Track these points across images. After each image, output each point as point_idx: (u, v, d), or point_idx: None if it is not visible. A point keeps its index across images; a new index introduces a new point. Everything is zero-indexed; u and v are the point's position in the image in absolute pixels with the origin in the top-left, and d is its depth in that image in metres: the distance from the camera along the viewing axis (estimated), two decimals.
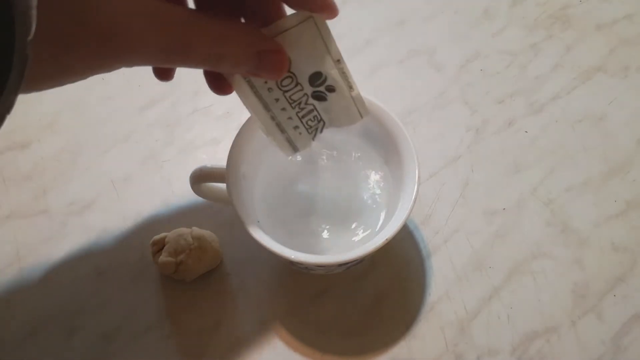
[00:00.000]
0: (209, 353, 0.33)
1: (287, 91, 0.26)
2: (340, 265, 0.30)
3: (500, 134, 0.41)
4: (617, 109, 0.42)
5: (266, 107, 0.26)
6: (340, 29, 0.39)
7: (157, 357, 0.33)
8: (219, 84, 0.27)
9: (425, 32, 0.46)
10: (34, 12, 0.15)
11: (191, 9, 0.21)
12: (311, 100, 0.27)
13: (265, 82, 0.25)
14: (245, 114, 0.28)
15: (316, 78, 0.26)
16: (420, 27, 0.46)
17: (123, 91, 0.42)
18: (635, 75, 0.43)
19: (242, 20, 0.26)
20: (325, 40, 0.25)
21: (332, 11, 0.23)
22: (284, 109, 0.27)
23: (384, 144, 0.33)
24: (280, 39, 0.24)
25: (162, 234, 0.35)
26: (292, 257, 0.29)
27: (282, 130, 0.28)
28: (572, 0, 0.47)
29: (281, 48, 0.24)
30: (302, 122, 0.28)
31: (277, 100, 0.26)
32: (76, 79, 0.20)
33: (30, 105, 0.42)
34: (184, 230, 0.35)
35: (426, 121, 0.41)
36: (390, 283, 0.35)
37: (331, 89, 0.27)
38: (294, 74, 0.26)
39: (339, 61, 0.26)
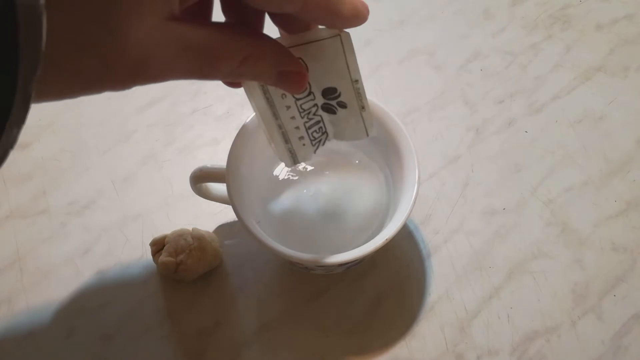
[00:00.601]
0: (209, 353, 0.33)
1: (299, 99, 0.26)
2: (340, 265, 0.30)
3: (500, 134, 0.41)
4: (617, 109, 0.42)
5: (275, 115, 0.26)
6: None
7: (157, 357, 0.33)
8: None
9: (425, 32, 0.46)
10: (40, 59, 0.15)
11: (215, 27, 0.21)
12: (320, 112, 0.27)
13: None
14: (245, 114, 0.28)
15: (330, 92, 0.26)
16: (420, 27, 0.46)
17: (123, 91, 0.42)
18: (635, 75, 0.43)
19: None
20: (347, 59, 0.25)
21: (360, 21, 0.23)
22: (293, 117, 0.26)
23: (384, 144, 0.33)
24: (304, 48, 0.24)
25: (162, 234, 0.35)
26: (292, 256, 0.29)
27: (287, 141, 0.27)
28: (572, 0, 0.47)
29: (302, 69, 0.24)
30: (307, 132, 0.28)
31: (288, 107, 0.26)
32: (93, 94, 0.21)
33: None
34: (184, 230, 0.35)
35: (426, 121, 0.41)
36: (390, 283, 0.35)
37: (343, 105, 0.27)
38: (309, 83, 0.26)
39: (357, 81, 0.26)
